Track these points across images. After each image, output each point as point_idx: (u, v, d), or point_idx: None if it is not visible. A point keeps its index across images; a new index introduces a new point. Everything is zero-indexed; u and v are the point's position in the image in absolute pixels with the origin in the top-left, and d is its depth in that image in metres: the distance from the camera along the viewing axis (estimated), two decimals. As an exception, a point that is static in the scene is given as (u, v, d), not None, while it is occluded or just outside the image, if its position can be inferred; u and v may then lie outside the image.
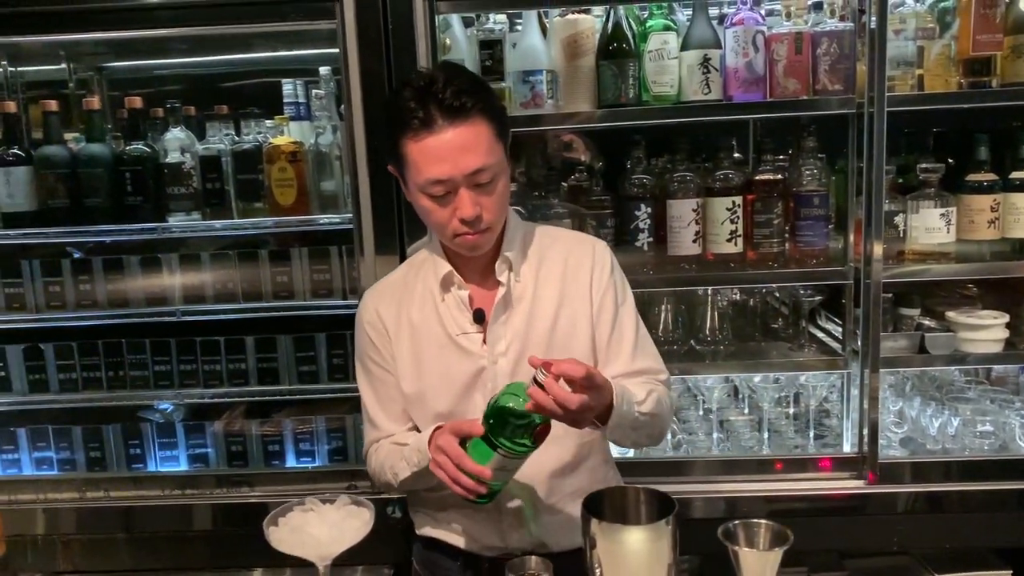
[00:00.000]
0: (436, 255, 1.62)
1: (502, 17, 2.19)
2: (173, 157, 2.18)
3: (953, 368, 2.38)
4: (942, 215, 2.09)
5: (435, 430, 1.44)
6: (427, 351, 1.59)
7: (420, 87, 1.42)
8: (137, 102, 2.22)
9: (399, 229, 2.06)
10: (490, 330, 1.56)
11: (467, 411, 1.54)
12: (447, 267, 1.59)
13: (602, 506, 0.97)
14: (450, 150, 1.41)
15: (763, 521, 0.97)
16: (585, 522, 0.93)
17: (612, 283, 1.61)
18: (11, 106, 2.21)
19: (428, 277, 1.63)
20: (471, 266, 1.60)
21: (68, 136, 2.34)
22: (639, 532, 0.91)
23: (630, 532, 0.91)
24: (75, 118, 2.57)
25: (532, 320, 1.57)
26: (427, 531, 1.67)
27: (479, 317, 1.57)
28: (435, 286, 1.60)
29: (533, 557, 0.96)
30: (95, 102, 2.23)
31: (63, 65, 2.69)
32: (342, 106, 2.19)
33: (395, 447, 1.59)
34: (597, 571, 0.93)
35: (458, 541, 1.61)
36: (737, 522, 0.97)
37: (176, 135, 2.21)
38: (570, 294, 1.59)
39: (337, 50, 2.02)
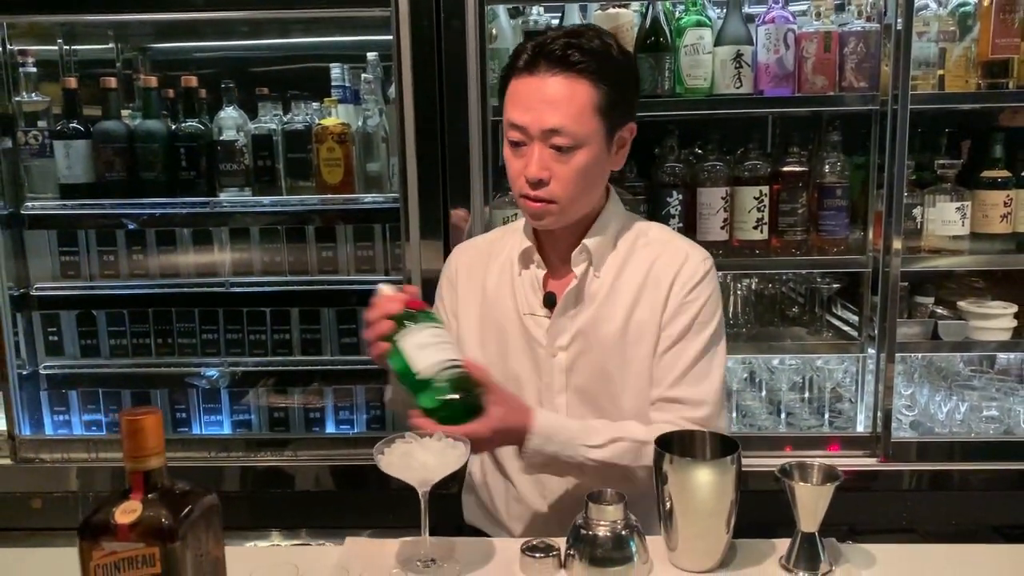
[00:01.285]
0: (525, 225, 1.55)
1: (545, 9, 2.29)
2: (227, 135, 2.29)
3: (959, 358, 2.50)
4: (957, 209, 2.20)
5: None
6: (494, 322, 1.54)
7: (541, 36, 1.39)
8: (193, 82, 2.32)
9: (444, 210, 2.16)
10: (555, 321, 1.49)
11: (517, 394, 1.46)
12: (528, 242, 1.53)
13: (672, 446, 1.09)
14: (536, 98, 1.35)
15: (816, 461, 1.08)
16: (658, 458, 1.04)
17: (693, 300, 1.47)
18: (72, 82, 2.31)
19: (513, 247, 1.57)
20: (554, 246, 1.52)
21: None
22: (707, 468, 1.02)
23: (699, 467, 1.02)
24: (121, 96, 2.67)
25: (600, 321, 1.48)
26: (476, 523, 1.65)
27: (550, 301, 1.50)
28: (516, 257, 1.55)
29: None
30: (153, 81, 2.33)
31: (111, 45, 2.78)
32: (388, 90, 2.30)
33: None
34: (668, 504, 1.05)
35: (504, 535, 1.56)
36: (793, 462, 1.09)
37: (230, 114, 2.32)
38: (646, 301, 1.48)
39: (384, 36, 2.12)
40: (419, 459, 1.06)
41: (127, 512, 0.90)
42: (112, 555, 0.90)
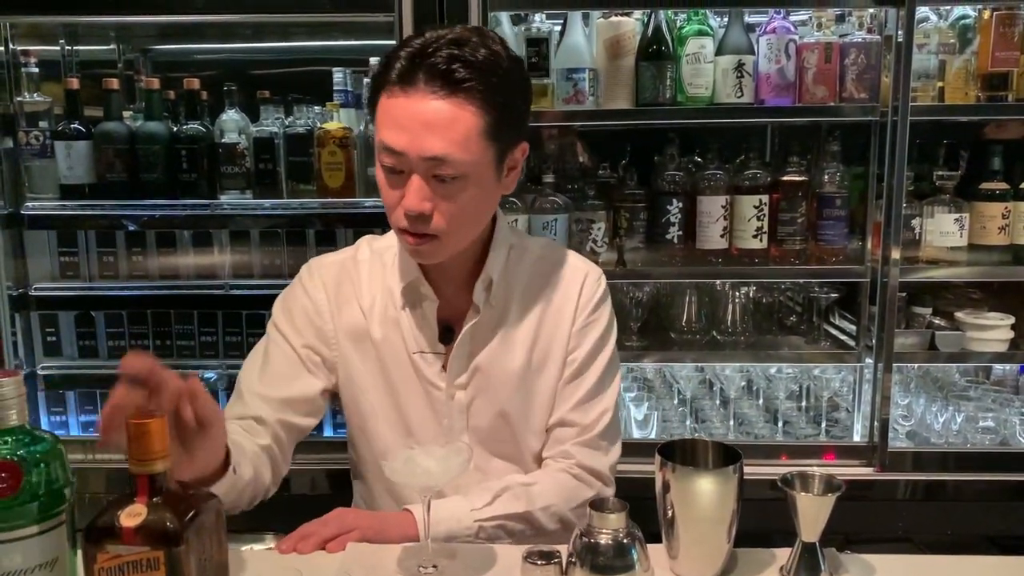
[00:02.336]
0: (404, 256, 1.36)
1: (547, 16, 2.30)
2: (229, 137, 2.29)
3: (955, 369, 2.52)
4: (956, 220, 2.22)
5: None
6: (375, 361, 1.39)
7: (419, 40, 1.19)
8: (195, 84, 2.32)
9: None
10: (453, 357, 1.36)
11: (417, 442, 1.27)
12: (416, 272, 1.35)
13: (674, 454, 1.09)
14: (414, 120, 1.15)
15: (817, 471, 1.09)
16: (661, 467, 1.05)
17: (595, 321, 1.42)
18: (74, 83, 2.31)
19: (390, 275, 1.39)
20: (445, 277, 1.37)
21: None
22: (709, 477, 1.03)
23: (701, 476, 1.03)
24: (124, 97, 2.68)
25: (501, 354, 1.38)
26: None
27: (446, 336, 1.36)
28: (396, 287, 1.38)
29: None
30: (155, 82, 2.33)
31: (112, 46, 2.78)
32: (391, 95, 2.30)
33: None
34: (669, 513, 1.05)
35: None
36: (794, 471, 1.09)
37: (232, 116, 2.32)
38: (548, 328, 1.40)
39: (388, 41, 2.11)
40: (422, 465, 1.07)
41: (132, 515, 0.89)
42: (117, 558, 0.89)
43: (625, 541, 1.06)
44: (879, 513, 2.28)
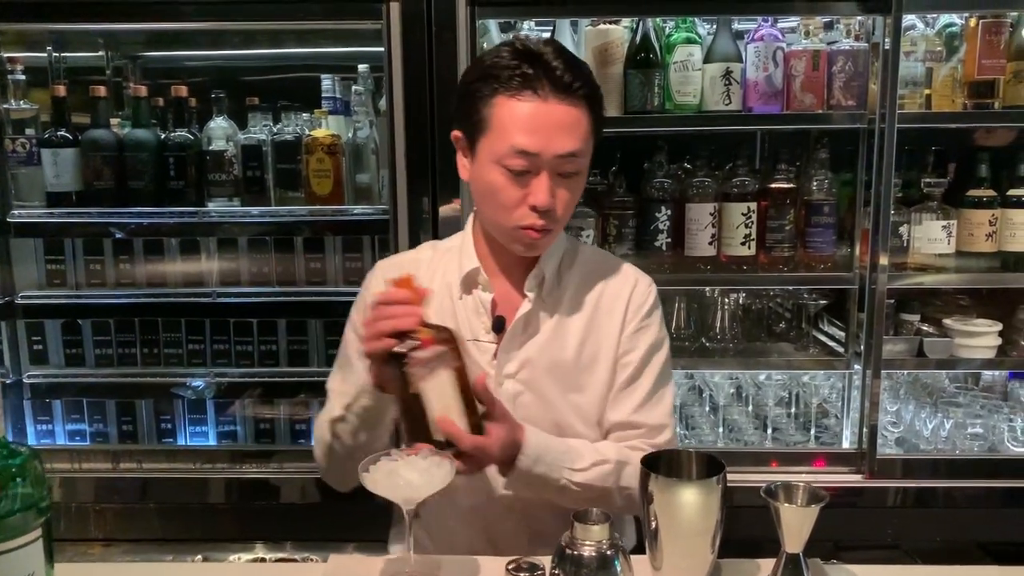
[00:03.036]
0: (466, 247, 1.47)
1: (536, 24, 2.30)
2: (217, 145, 2.28)
3: (944, 375, 2.52)
4: (943, 227, 2.22)
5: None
6: None
7: (525, 49, 1.30)
8: (183, 91, 2.31)
9: (433, 222, 2.16)
10: (503, 347, 1.43)
11: None
12: (474, 263, 1.45)
13: (658, 465, 1.09)
14: (549, 123, 1.27)
15: (801, 482, 1.09)
16: (644, 478, 1.05)
17: (648, 327, 1.48)
18: (61, 90, 2.30)
19: (450, 269, 1.49)
20: (502, 267, 1.47)
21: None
22: (692, 488, 1.02)
23: (684, 487, 1.03)
24: (111, 104, 2.67)
25: (551, 348, 1.44)
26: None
27: (499, 326, 1.43)
28: (455, 281, 1.46)
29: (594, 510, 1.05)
30: (142, 90, 2.32)
31: (101, 53, 2.77)
32: (379, 102, 2.30)
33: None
34: (653, 524, 1.05)
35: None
36: (779, 482, 1.09)
37: (220, 124, 2.31)
38: (598, 328, 1.46)
39: (377, 48, 2.11)
40: (404, 477, 1.06)
41: (422, 332, 1.14)
42: (424, 359, 1.15)
43: (608, 553, 1.06)
44: (868, 520, 2.28)
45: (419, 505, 1.11)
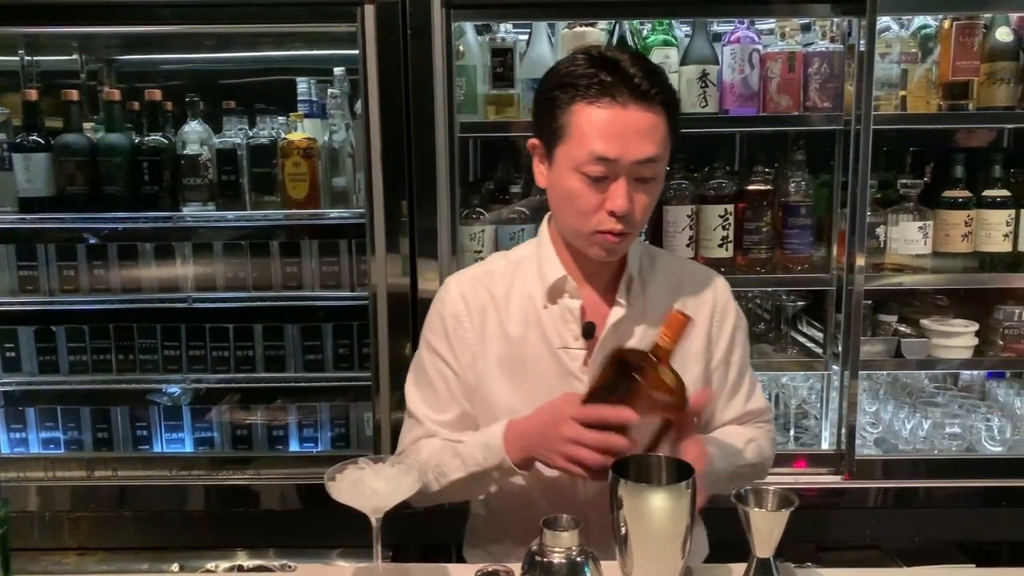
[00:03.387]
0: (546, 256, 1.45)
1: (512, 27, 2.29)
2: (191, 149, 2.26)
3: (923, 375, 2.53)
4: (920, 228, 2.23)
5: (509, 425, 1.34)
6: (519, 362, 1.43)
7: (602, 56, 1.30)
8: (157, 95, 2.29)
9: (410, 225, 2.15)
10: (597, 352, 1.41)
11: None
12: (560, 271, 1.43)
13: (628, 470, 1.08)
14: (628, 129, 1.27)
15: (771, 487, 1.08)
16: (613, 483, 1.04)
17: (736, 324, 1.51)
18: (33, 94, 2.27)
19: (530, 279, 1.46)
20: (586, 274, 1.46)
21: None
22: (661, 493, 1.02)
23: (654, 493, 1.02)
24: (85, 108, 2.64)
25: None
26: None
27: (589, 332, 1.41)
28: (538, 290, 1.44)
29: (564, 516, 1.04)
30: (115, 94, 2.29)
31: (75, 56, 2.75)
32: (355, 105, 2.29)
33: (447, 444, 1.42)
34: (623, 529, 1.04)
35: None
36: (748, 487, 1.08)
37: (194, 128, 2.29)
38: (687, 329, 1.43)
39: (351, 51, 2.10)
40: (370, 486, 1.05)
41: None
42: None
43: (579, 559, 1.05)
44: (848, 521, 2.29)
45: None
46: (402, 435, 1.52)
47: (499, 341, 1.45)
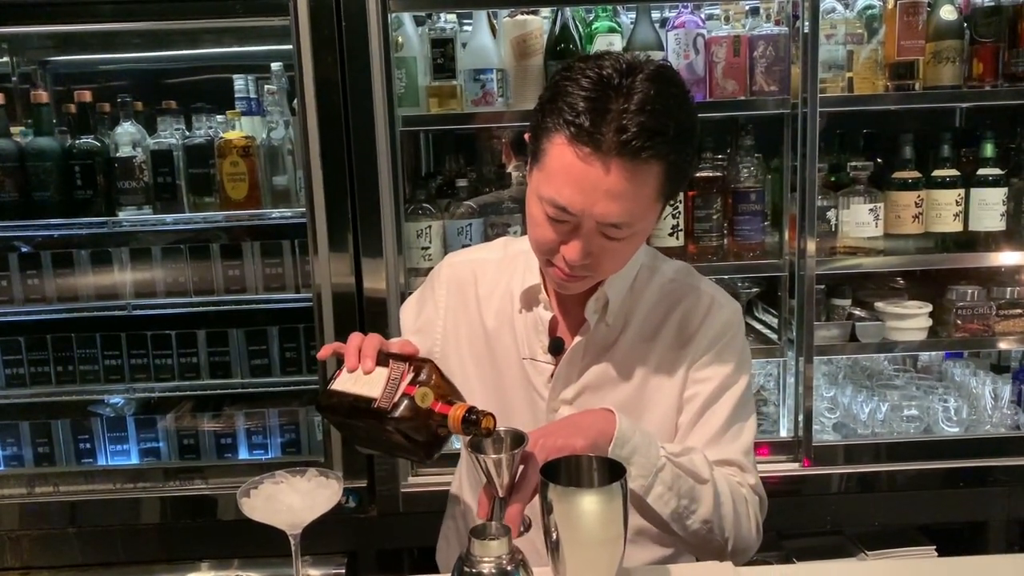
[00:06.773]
0: (531, 258, 1.32)
1: (453, 16, 2.24)
2: (124, 151, 2.19)
3: (882, 357, 2.52)
4: (871, 210, 2.21)
5: None
6: (490, 360, 1.38)
7: (604, 87, 1.08)
8: (87, 96, 2.21)
9: (353, 224, 2.09)
10: (560, 372, 1.32)
11: None
12: (536, 278, 1.34)
13: (558, 473, 1.04)
14: (599, 187, 1.09)
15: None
16: (543, 488, 1.00)
17: (721, 357, 1.32)
18: (-44, 99, 2.19)
19: (515, 279, 1.38)
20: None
21: (13, 130, 2.32)
22: (591, 495, 0.97)
23: (585, 495, 0.98)
24: (19, 112, 2.55)
25: (613, 376, 1.32)
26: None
27: (557, 347, 1.33)
28: (517, 292, 1.36)
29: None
30: (43, 96, 2.21)
31: (6, 59, 2.66)
32: (294, 101, 2.22)
33: None
34: (554, 535, 1.00)
35: None
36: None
37: (127, 129, 2.22)
38: (666, 357, 1.33)
39: (288, 46, 2.04)
40: (284, 502, 1.00)
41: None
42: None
43: (509, 568, 1.01)
44: (809, 506, 2.27)
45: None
46: None
47: (474, 327, 1.39)
